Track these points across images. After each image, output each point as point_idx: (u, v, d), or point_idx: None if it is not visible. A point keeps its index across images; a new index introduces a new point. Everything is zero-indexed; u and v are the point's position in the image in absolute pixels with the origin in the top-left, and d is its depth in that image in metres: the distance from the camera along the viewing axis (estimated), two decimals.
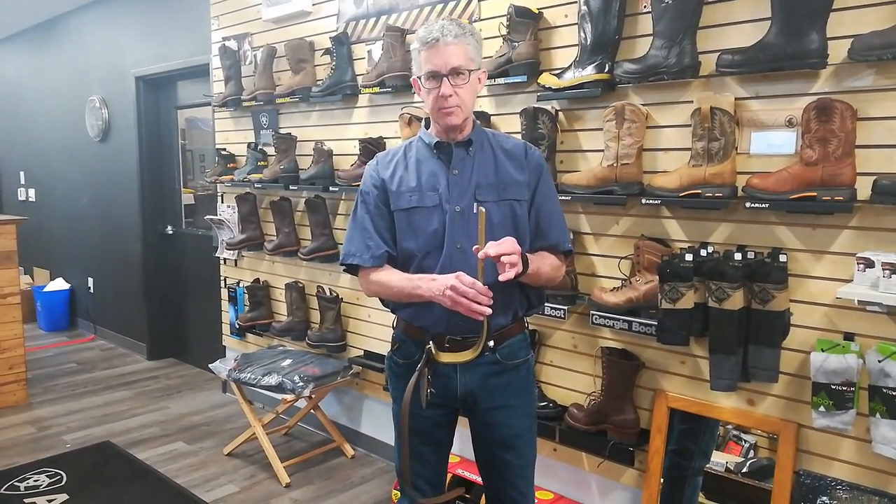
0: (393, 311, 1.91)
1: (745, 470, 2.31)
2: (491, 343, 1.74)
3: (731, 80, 2.11)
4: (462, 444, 2.50)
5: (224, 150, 4.04)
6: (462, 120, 1.77)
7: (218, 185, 4.13)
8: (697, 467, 2.31)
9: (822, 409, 1.92)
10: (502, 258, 1.60)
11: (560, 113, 2.51)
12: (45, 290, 6.07)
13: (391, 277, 1.81)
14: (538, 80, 2.48)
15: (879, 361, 1.81)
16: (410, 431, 1.83)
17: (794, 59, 1.91)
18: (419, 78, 1.77)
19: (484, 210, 1.61)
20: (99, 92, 5.37)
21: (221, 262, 4.26)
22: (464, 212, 1.77)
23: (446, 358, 1.76)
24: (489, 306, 1.63)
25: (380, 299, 1.94)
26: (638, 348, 2.40)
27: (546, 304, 2.45)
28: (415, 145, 1.88)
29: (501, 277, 1.61)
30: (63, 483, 3.16)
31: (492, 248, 1.60)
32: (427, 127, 1.88)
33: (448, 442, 1.97)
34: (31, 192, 6.60)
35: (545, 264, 1.81)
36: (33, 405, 4.23)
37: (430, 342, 1.76)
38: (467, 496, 2.74)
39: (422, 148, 1.86)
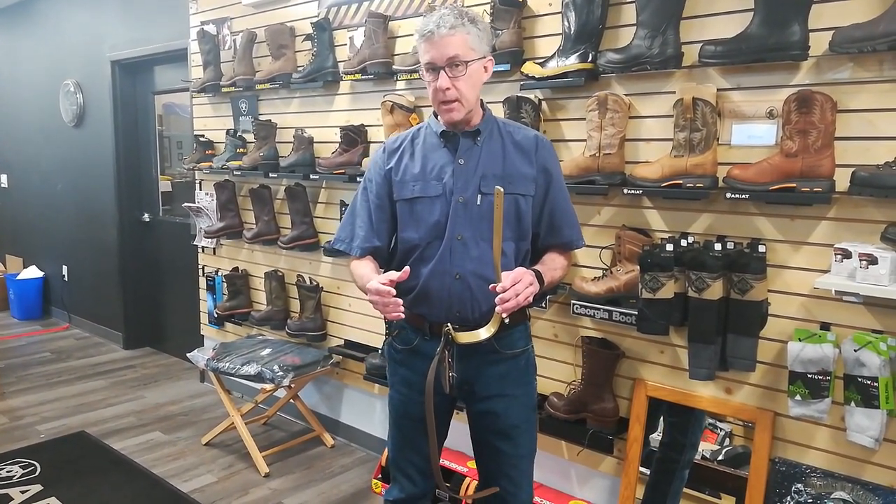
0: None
1: (720, 458, 2.33)
2: (507, 320, 1.69)
3: (713, 71, 2.12)
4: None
5: (202, 136, 3.99)
6: (463, 115, 1.74)
7: (196, 172, 4.08)
8: (686, 460, 2.33)
9: (798, 397, 1.95)
10: (520, 297, 1.58)
11: (543, 102, 2.50)
12: (18, 277, 5.96)
13: (356, 270, 1.82)
14: (521, 69, 2.47)
15: (855, 351, 1.83)
16: (405, 415, 1.82)
17: (775, 51, 1.92)
18: (420, 70, 1.75)
19: (502, 189, 1.56)
20: (74, 76, 5.26)
21: (199, 250, 4.21)
22: (467, 203, 1.74)
23: (465, 338, 1.72)
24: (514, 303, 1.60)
25: None
26: (618, 337, 2.41)
27: None
28: (423, 132, 1.85)
29: (498, 309, 1.60)
30: (37, 474, 3.11)
31: (509, 282, 1.58)
32: (436, 115, 1.83)
33: (444, 432, 1.95)
34: (3, 177, 6.45)
35: (556, 270, 1.81)
36: (6, 395, 4.15)
37: (448, 324, 1.72)
38: (447, 484, 2.74)
39: (429, 135, 1.83)
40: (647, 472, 2.39)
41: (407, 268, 1.68)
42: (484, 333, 1.71)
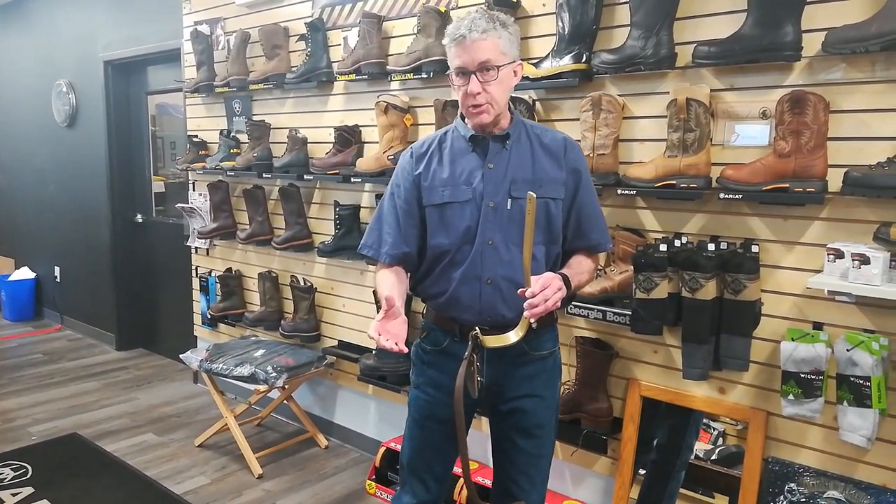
0: (423, 301, 1.89)
1: (714, 457, 2.34)
2: (535, 325, 1.67)
3: (706, 72, 2.12)
4: None
5: (196, 136, 3.97)
6: (493, 118, 1.72)
7: (189, 172, 4.06)
8: (683, 461, 2.33)
9: (791, 397, 1.95)
10: (549, 302, 1.58)
11: (537, 102, 2.50)
12: (10, 279, 5.92)
13: (381, 284, 1.80)
14: None
15: (847, 350, 1.84)
16: (427, 417, 1.80)
17: (768, 52, 1.93)
18: (451, 74, 1.73)
19: (534, 195, 1.54)
20: (66, 76, 5.23)
21: (193, 251, 4.20)
22: (497, 207, 1.73)
23: (493, 342, 1.71)
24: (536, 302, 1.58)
25: (412, 290, 1.91)
26: (612, 338, 2.42)
27: None
28: (450, 136, 1.83)
29: (527, 314, 1.59)
30: (29, 476, 3.09)
31: (538, 287, 1.57)
32: (463, 118, 1.81)
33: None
34: None
35: (584, 274, 1.80)
36: None
37: (477, 328, 1.71)
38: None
39: (458, 139, 1.81)
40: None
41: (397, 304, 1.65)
42: (512, 337, 1.69)
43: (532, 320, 1.62)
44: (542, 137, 1.81)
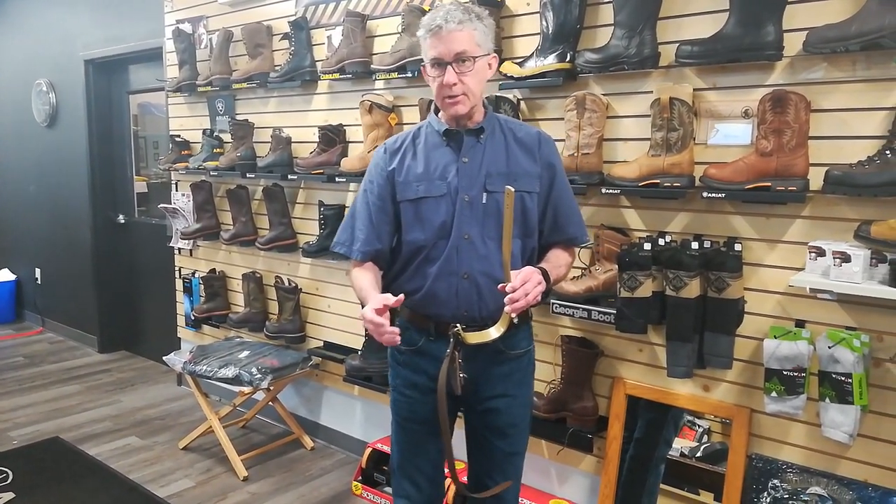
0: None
1: (699, 454, 2.35)
2: (515, 319, 1.68)
3: (689, 71, 2.13)
4: None
5: (178, 136, 3.93)
6: (469, 108, 1.72)
7: (172, 172, 4.02)
8: (661, 456, 2.34)
9: (774, 394, 1.97)
10: (529, 296, 1.57)
11: (522, 102, 2.50)
12: None
13: (356, 281, 1.79)
14: (500, 69, 2.47)
15: (829, 348, 1.86)
16: (410, 418, 1.80)
17: (750, 51, 1.94)
18: (425, 66, 1.73)
19: (512, 189, 1.55)
20: (46, 75, 5.16)
21: (176, 251, 4.16)
22: (472, 201, 1.72)
23: (474, 339, 1.71)
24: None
25: (385, 290, 1.88)
26: (597, 336, 2.42)
27: None
28: (424, 131, 1.82)
29: (507, 309, 1.59)
30: (9, 481, 3.04)
31: (518, 282, 1.57)
32: (437, 112, 1.81)
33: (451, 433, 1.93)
34: None
35: (561, 268, 1.80)
36: None
37: (458, 325, 1.71)
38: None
39: (431, 134, 1.80)
40: None
41: (401, 296, 1.65)
42: (494, 333, 1.69)
43: (513, 315, 1.62)
44: (517, 132, 1.81)
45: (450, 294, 1.73)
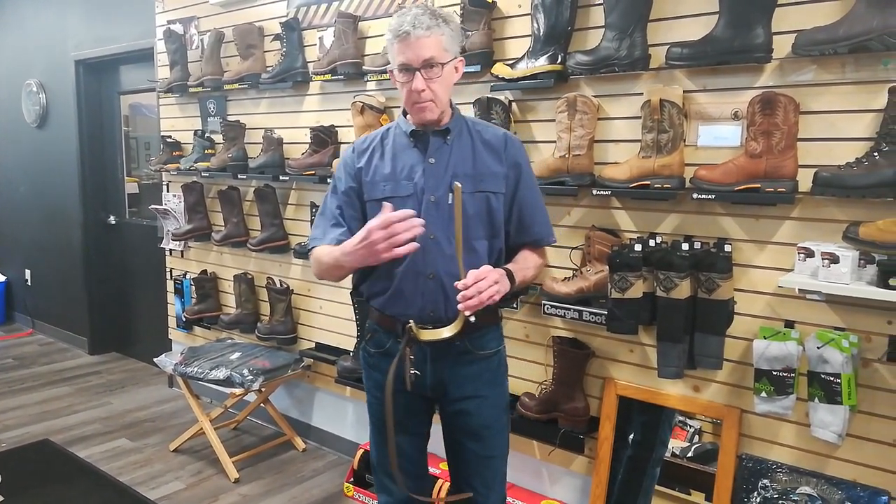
0: (367, 301, 1.88)
1: (690, 454, 2.36)
2: (472, 319, 1.67)
3: (679, 73, 2.14)
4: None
5: (169, 137, 3.92)
6: (437, 115, 1.73)
7: (163, 173, 4.01)
8: (657, 458, 2.35)
9: (763, 394, 1.98)
10: (483, 294, 1.57)
11: (513, 103, 2.51)
12: None
13: (322, 251, 1.77)
14: (492, 71, 2.48)
15: (818, 348, 1.87)
16: (385, 419, 1.79)
17: (740, 53, 1.95)
18: (393, 70, 1.73)
19: (459, 185, 1.56)
20: (36, 76, 5.14)
21: (167, 253, 4.14)
22: (438, 202, 1.73)
23: (427, 336, 1.71)
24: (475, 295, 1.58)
25: (355, 289, 1.90)
26: (588, 337, 2.43)
27: None
28: (392, 132, 1.83)
29: (460, 306, 1.59)
30: None
31: (471, 280, 1.57)
32: (405, 114, 1.82)
33: (425, 433, 1.93)
34: None
35: (529, 269, 1.81)
36: None
37: (411, 321, 1.72)
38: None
39: (399, 135, 1.81)
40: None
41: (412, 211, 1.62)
42: (446, 332, 1.71)
43: (468, 314, 1.62)
44: (483, 133, 1.82)
45: (416, 294, 1.74)
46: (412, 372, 1.73)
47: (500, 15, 2.54)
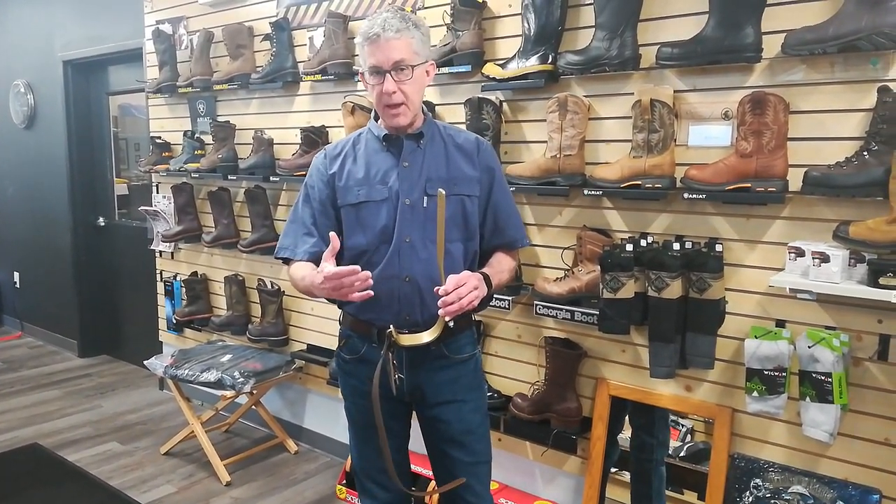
0: (339, 307, 1.87)
1: (682, 454, 2.36)
2: (451, 324, 1.68)
3: (670, 73, 2.14)
4: None
5: (159, 138, 3.89)
6: (410, 119, 1.74)
7: (153, 174, 3.98)
8: (659, 458, 2.35)
9: (755, 394, 1.98)
10: (463, 300, 1.58)
11: (504, 103, 2.50)
12: None
13: (297, 272, 1.77)
14: (482, 71, 2.47)
15: (809, 347, 1.87)
16: (366, 424, 1.78)
17: (730, 53, 1.95)
18: (364, 73, 1.74)
19: (444, 192, 1.57)
20: (24, 76, 5.10)
21: (157, 254, 4.12)
22: (413, 205, 1.73)
23: (407, 340, 1.71)
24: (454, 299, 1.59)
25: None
26: (580, 337, 2.43)
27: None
28: (364, 137, 1.83)
29: (441, 312, 1.59)
30: None
31: (451, 285, 1.58)
32: (376, 119, 1.82)
33: (405, 434, 1.93)
34: None
35: (504, 272, 1.82)
36: None
37: (391, 326, 1.71)
38: (413, 487, 2.72)
39: (371, 140, 1.81)
40: (614, 470, 2.41)
41: (357, 267, 1.62)
42: (426, 337, 1.70)
43: (447, 319, 1.63)
44: (456, 138, 1.83)
45: (391, 298, 1.73)
46: (397, 376, 1.73)
47: (491, 15, 2.53)
